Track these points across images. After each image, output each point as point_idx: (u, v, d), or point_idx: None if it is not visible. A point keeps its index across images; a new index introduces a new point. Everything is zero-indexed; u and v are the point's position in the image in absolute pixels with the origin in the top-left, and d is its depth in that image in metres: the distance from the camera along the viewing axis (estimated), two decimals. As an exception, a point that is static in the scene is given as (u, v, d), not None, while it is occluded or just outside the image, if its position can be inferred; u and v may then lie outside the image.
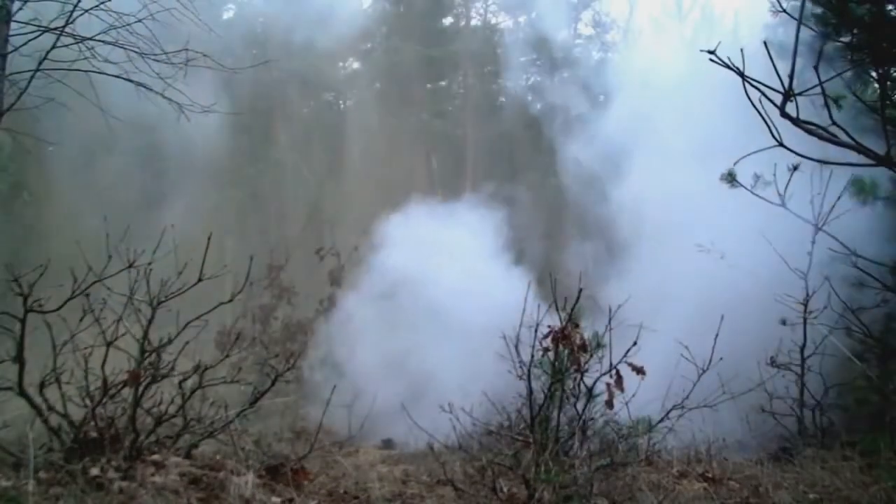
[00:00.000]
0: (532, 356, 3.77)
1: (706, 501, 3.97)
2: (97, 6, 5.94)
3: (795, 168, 5.92)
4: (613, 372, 3.73)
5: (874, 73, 5.79)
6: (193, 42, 6.38)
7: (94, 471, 3.35)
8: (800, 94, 4.29)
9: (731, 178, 6.18)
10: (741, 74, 4.28)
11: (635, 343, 3.73)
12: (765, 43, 4.18)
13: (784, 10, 5.48)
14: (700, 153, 8.85)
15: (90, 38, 5.99)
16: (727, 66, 4.29)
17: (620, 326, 3.77)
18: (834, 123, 4.40)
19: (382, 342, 10.30)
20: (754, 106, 4.28)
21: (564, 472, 3.48)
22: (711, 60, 4.28)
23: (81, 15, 5.87)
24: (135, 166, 17.63)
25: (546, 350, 3.80)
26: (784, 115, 4.37)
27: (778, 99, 4.34)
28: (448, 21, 24.41)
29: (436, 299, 10.21)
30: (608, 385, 3.76)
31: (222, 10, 20.97)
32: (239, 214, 19.65)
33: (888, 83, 6.36)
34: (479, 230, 11.40)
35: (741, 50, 4.24)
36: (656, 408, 3.85)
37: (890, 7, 5.77)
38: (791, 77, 4.28)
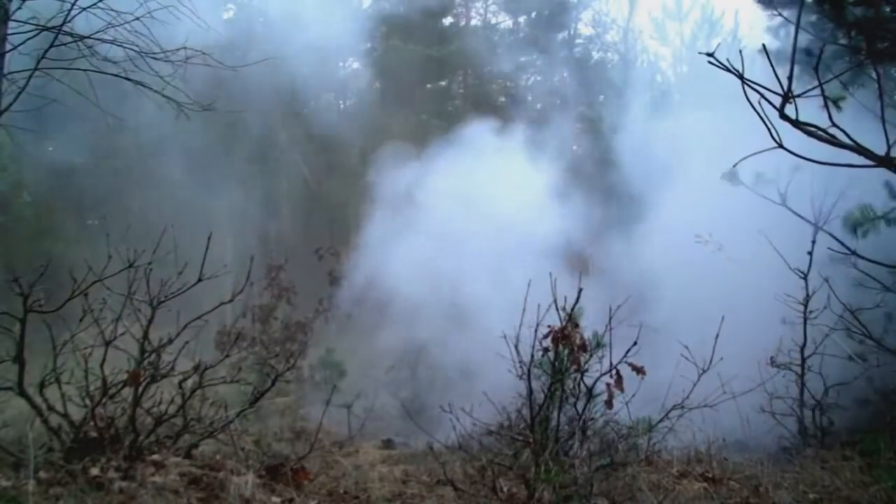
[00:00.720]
0: (532, 356, 3.77)
1: (706, 501, 3.97)
2: (94, 4, 5.93)
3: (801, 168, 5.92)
4: (613, 372, 3.73)
5: (873, 74, 5.78)
6: (193, 41, 6.36)
7: (94, 471, 3.35)
8: (798, 95, 4.29)
9: (732, 176, 6.20)
10: (740, 76, 4.28)
11: (635, 343, 3.74)
12: (763, 46, 4.19)
13: (781, 15, 5.48)
14: (702, 150, 8.86)
15: (88, 37, 5.98)
16: (726, 69, 4.29)
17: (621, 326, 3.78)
18: (833, 125, 4.40)
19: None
20: (753, 107, 4.28)
21: (564, 472, 3.48)
22: (710, 63, 4.28)
23: (80, 13, 5.86)
24: (133, 166, 17.63)
25: (546, 350, 3.80)
26: (783, 116, 4.36)
27: (777, 101, 4.33)
28: (448, 21, 24.39)
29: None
30: (608, 385, 3.76)
31: (222, 10, 20.95)
32: (239, 214, 19.62)
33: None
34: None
35: (740, 52, 4.24)
36: (656, 408, 3.85)
37: (887, 9, 5.77)
38: (790, 79, 4.28)
